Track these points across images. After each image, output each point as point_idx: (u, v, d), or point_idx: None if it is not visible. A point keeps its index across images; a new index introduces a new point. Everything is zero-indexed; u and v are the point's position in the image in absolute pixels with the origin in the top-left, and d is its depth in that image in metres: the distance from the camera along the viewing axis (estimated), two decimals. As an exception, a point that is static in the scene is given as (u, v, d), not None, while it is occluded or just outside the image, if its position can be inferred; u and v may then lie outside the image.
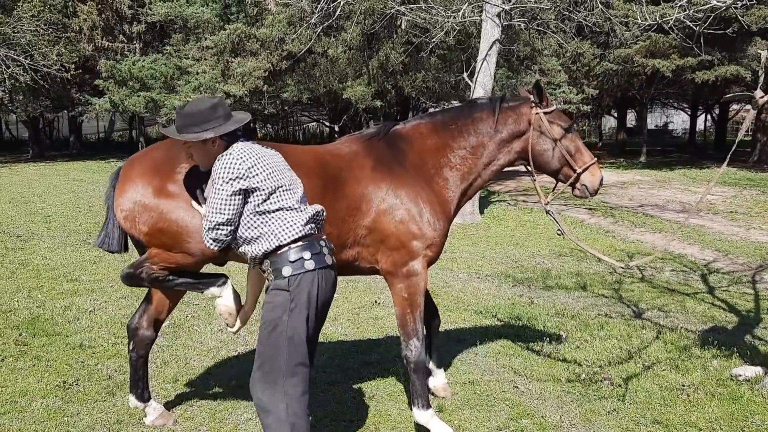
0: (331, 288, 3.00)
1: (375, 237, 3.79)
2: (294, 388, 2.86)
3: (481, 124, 4.05)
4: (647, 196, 16.63)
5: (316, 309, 2.89)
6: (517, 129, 4.04)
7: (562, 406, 4.35)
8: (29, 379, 4.55)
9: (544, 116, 3.98)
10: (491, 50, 11.87)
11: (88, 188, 17.00)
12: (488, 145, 4.04)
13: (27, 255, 8.62)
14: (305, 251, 2.87)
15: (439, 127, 4.07)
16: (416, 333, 3.83)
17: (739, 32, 17.03)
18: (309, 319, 2.88)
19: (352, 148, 3.94)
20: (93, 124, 41.84)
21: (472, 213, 12.74)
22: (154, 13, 23.40)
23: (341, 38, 20.56)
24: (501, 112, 4.04)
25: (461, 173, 4.04)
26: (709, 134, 44.32)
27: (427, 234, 3.81)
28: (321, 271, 2.90)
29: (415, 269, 3.82)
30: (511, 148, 4.08)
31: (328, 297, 2.97)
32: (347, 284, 7.43)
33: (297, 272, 2.85)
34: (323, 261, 2.91)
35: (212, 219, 2.89)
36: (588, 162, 4.06)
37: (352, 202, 3.72)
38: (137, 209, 3.41)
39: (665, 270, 8.65)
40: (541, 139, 4.01)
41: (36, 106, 26.69)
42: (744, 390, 4.53)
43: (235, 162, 2.84)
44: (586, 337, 5.71)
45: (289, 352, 2.84)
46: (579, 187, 4.12)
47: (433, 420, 3.83)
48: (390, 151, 3.93)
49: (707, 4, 6.01)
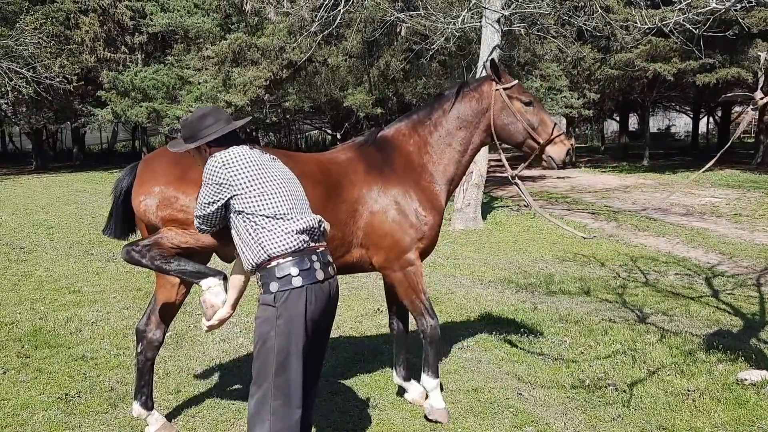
0: (325, 302, 2.93)
1: (371, 236, 4.03)
2: (282, 407, 2.81)
3: (450, 113, 4.29)
4: (650, 200, 16.58)
5: (305, 325, 2.83)
6: (480, 107, 4.27)
7: (567, 412, 4.33)
8: (31, 392, 4.54)
9: (503, 91, 4.20)
10: (491, 56, 11.87)
11: (91, 199, 17.03)
12: (460, 133, 4.30)
13: (30, 267, 8.63)
14: (293, 267, 2.83)
15: (417, 126, 4.34)
16: (426, 310, 4.16)
17: (740, 34, 17.03)
18: (298, 335, 2.83)
19: (348, 155, 4.21)
20: (96, 135, 42.00)
21: (475, 219, 12.72)
22: (155, 24, 23.51)
23: (342, 46, 20.62)
24: (464, 96, 4.28)
25: (443, 165, 4.28)
26: (711, 137, 44.24)
27: (419, 228, 4.08)
28: (311, 287, 2.85)
29: (409, 259, 4.08)
30: (480, 128, 4.30)
31: (320, 312, 2.91)
32: (350, 292, 7.42)
33: (283, 288, 2.82)
34: (313, 277, 2.86)
35: (196, 213, 3.07)
36: (553, 134, 4.19)
37: (350, 206, 3.97)
38: (158, 197, 3.61)
39: (669, 273, 8.61)
40: (503, 114, 4.23)
41: (39, 117, 26.82)
42: (750, 394, 4.49)
43: (217, 167, 2.92)
44: (590, 342, 5.68)
45: (277, 369, 2.81)
46: (545, 158, 4.26)
47: (436, 391, 4.21)
48: (379, 155, 4.20)
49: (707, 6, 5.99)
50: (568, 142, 4.23)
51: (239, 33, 21.65)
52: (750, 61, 21.27)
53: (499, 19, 11.77)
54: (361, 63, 21.43)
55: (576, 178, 21.21)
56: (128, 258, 3.43)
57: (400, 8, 14.98)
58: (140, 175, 3.72)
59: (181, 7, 23.53)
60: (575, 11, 14.13)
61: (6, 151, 40.68)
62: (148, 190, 3.63)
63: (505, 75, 4.24)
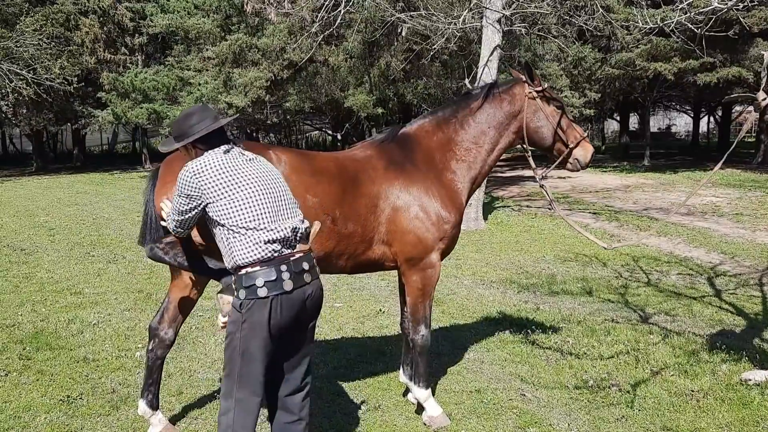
0: (296, 309, 2.96)
1: (394, 233, 3.99)
2: (246, 400, 2.93)
3: (479, 113, 4.25)
4: (651, 199, 16.57)
5: (269, 332, 2.88)
6: (512, 110, 4.24)
7: (570, 413, 4.31)
8: (33, 394, 4.53)
9: (536, 94, 4.18)
10: (492, 56, 11.86)
11: (92, 200, 17.04)
12: (489, 132, 4.25)
13: (31, 268, 8.62)
14: (259, 278, 2.86)
15: (442, 123, 4.28)
16: (425, 320, 4.14)
17: (741, 34, 17.04)
18: (260, 339, 2.89)
19: (367, 152, 4.17)
20: (96, 137, 42.05)
21: (476, 219, 12.70)
22: (155, 25, 23.54)
23: (342, 47, 20.61)
24: (495, 97, 4.25)
25: (467, 164, 4.24)
26: (712, 136, 44.24)
27: (441, 227, 4.03)
28: (277, 298, 2.88)
29: (430, 261, 4.05)
30: (510, 130, 4.28)
31: (289, 319, 2.94)
32: (351, 293, 7.41)
33: (249, 297, 2.88)
34: (280, 287, 2.88)
35: (172, 218, 3.14)
36: (579, 137, 4.23)
37: (369, 200, 3.94)
38: None
39: (671, 274, 8.60)
40: (535, 117, 4.22)
41: (39, 119, 26.84)
42: (754, 394, 4.48)
43: (188, 177, 2.95)
44: (593, 343, 5.67)
45: (241, 367, 2.92)
46: (571, 161, 4.29)
47: (430, 399, 4.19)
48: (400, 152, 4.14)
49: (708, 6, 5.98)
50: (590, 145, 4.26)
51: (240, 34, 21.66)
52: (750, 61, 21.25)
53: (500, 19, 11.75)
54: (361, 63, 21.43)
55: (577, 178, 21.17)
56: (152, 255, 3.48)
57: (400, 8, 14.97)
58: (162, 177, 3.73)
59: (182, 8, 23.55)
60: (576, 11, 14.11)
61: (6, 152, 40.71)
62: (170, 190, 3.62)
63: (537, 77, 4.21)
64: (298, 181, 3.70)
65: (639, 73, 22.55)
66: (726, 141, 33.27)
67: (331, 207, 3.80)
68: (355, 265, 4.07)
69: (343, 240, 3.88)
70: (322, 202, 3.78)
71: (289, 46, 20.21)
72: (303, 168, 3.80)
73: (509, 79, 4.40)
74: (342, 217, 3.84)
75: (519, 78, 4.28)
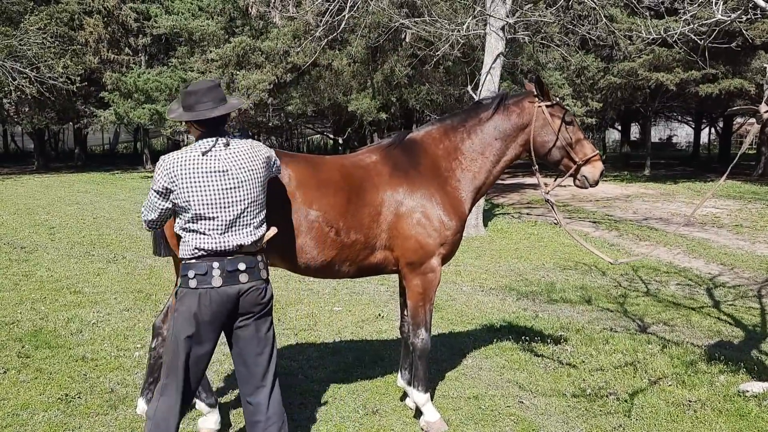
0: (228, 305, 3.10)
1: (396, 238, 4.01)
2: (169, 387, 3.10)
3: (487, 124, 4.25)
4: (651, 209, 16.58)
5: (196, 324, 3.07)
6: (521, 123, 4.23)
7: (568, 421, 4.31)
8: (31, 392, 4.53)
9: (546, 109, 4.17)
10: (495, 63, 11.90)
11: (93, 200, 17.05)
12: (496, 143, 4.24)
13: (31, 267, 8.62)
14: (190, 270, 3.07)
15: (450, 131, 4.28)
16: (425, 324, 4.14)
17: (744, 46, 17.06)
18: (186, 329, 3.06)
19: (372, 158, 4.17)
20: (98, 136, 42.13)
21: (476, 226, 12.71)
22: (159, 26, 23.58)
23: (346, 51, 20.64)
24: (505, 108, 4.23)
25: (473, 173, 4.23)
26: (713, 147, 44.28)
27: (442, 234, 4.04)
28: (206, 292, 3.05)
29: (431, 266, 4.07)
30: (517, 142, 4.26)
31: (217, 315, 3.09)
32: (350, 297, 7.41)
33: (182, 286, 3.12)
34: (208, 282, 3.05)
35: (143, 211, 3.23)
36: (589, 154, 4.21)
37: (373, 209, 3.96)
38: None
39: (670, 284, 8.61)
40: (543, 132, 4.20)
41: (41, 118, 26.87)
42: (752, 406, 4.48)
43: (160, 174, 3.07)
44: (591, 351, 5.67)
45: (171, 353, 3.11)
46: (579, 178, 4.27)
47: (428, 404, 4.18)
48: (406, 158, 4.15)
49: (712, 18, 6.01)
50: (601, 163, 4.23)
51: (243, 36, 21.71)
52: (753, 73, 21.31)
53: (504, 27, 11.79)
54: (365, 68, 21.47)
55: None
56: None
57: (405, 14, 15.00)
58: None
59: (186, 10, 23.62)
60: (579, 20, 14.15)
61: (8, 150, 40.74)
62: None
63: (547, 91, 4.20)
64: (303, 197, 3.77)
65: (641, 82, 22.61)
66: (727, 152, 33.33)
67: (335, 219, 3.83)
68: (357, 271, 4.10)
69: (346, 249, 3.91)
70: (326, 216, 3.81)
71: (292, 49, 20.26)
72: (308, 182, 3.83)
73: (521, 91, 4.38)
74: (345, 228, 3.87)
75: (530, 91, 4.27)
